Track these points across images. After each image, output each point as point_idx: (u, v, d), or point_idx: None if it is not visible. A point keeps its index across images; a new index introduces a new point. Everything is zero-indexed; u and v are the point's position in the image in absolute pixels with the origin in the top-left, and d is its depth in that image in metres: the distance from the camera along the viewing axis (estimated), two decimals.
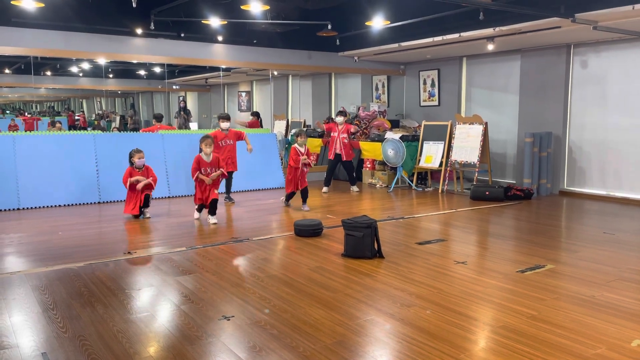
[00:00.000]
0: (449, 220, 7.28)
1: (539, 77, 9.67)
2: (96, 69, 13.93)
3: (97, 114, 17.38)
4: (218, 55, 10.18)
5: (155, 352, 3.21)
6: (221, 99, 17.59)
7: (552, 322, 3.64)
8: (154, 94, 17.28)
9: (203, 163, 7.01)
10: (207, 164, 7.03)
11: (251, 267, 5.04)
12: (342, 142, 9.69)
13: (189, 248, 5.71)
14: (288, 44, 10.69)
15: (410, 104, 12.48)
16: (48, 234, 6.36)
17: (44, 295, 4.22)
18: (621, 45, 8.69)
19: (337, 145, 9.74)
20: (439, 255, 5.44)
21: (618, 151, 8.85)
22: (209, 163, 7.04)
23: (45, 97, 17.98)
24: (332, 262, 5.17)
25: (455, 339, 3.36)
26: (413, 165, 10.29)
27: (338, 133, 9.74)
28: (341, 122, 9.77)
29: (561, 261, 5.19)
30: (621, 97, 8.77)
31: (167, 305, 4.02)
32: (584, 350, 3.20)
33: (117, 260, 5.22)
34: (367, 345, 3.31)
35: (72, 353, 3.18)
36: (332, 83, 14.07)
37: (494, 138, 10.52)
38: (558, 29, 7.74)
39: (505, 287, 4.39)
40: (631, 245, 5.88)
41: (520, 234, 6.45)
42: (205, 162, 7.02)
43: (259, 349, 3.24)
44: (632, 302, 4.05)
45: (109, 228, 6.76)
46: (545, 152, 9.27)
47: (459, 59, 11.21)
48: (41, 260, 5.25)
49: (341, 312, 3.85)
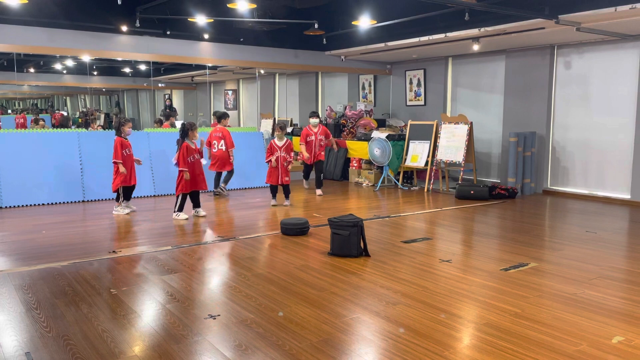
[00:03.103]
0: (435, 219, 7.34)
1: (523, 78, 9.77)
2: (80, 66, 13.76)
3: (81, 112, 17.18)
4: (204, 53, 10.13)
5: (140, 351, 3.20)
6: (207, 98, 17.50)
7: (535, 319, 3.70)
8: (140, 92, 17.13)
9: (190, 150, 7.07)
10: (195, 151, 7.12)
11: (237, 265, 5.04)
12: (320, 144, 9.26)
13: (174, 247, 5.69)
14: (275, 43, 10.68)
15: (396, 104, 12.54)
16: (31, 233, 6.28)
17: (27, 294, 4.18)
18: (603, 47, 8.82)
19: (316, 150, 9.25)
20: (424, 253, 5.48)
21: (600, 151, 8.99)
22: (196, 149, 7.13)
23: (28, 95, 17.73)
24: (318, 260, 5.18)
25: (440, 337, 3.40)
26: (399, 164, 10.35)
27: (315, 136, 9.23)
28: (316, 124, 9.27)
29: (544, 259, 5.26)
30: (603, 97, 8.90)
31: (152, 304, 4.00)
32: (566, 347, 3.26)
33: (102, 259, 5.18)
34: (353, 343, 3.33)
35: (56, 353, 3.16)
36: (319, 82, 14.08)
37: (479, 138, 10.61)
38: (542, 30, 7.84)
39: (489, 285, 4.44)
40: (613, 243, 5.97)
41: (505, 233, 6.53)
42: (193, 149, 7.08)
43: (244, 347, 3.24)
44: (613, 299, 4.13)
45: (93, 227, 6.70)
46: (529, 152, 9.38)
47: (444, 59, 11.28)
48: (24, 259, 5.19)
49: (327, 310, 3.86)
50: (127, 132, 7.40)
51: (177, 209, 7.12)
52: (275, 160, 7.79)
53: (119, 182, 7.33)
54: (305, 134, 9.24)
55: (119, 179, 7.32)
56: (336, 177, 11.38)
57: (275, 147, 7.84)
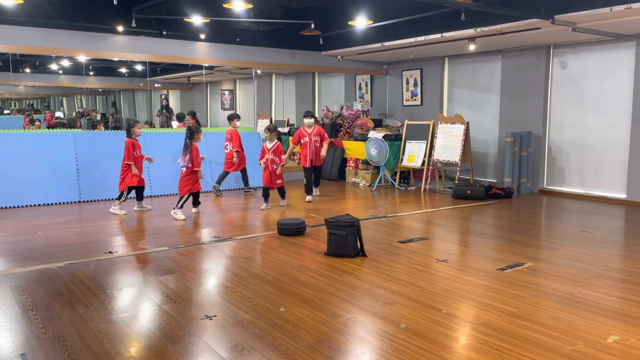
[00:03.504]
0: (431, 219, 7.35)
1: (519, 78, 9.79)
2: (76, 66, 13.72)
3: (77, 112, 17.12)
4: (200, 54, 10.12)
5: (136, 352, 3.19)
6: (204, 98, 17.48)
7: (531, 319, 3.70)
8: (136, 92, 17.08)
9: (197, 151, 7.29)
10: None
11: (234, 266, 5.03)
12: (315, 145, 8.53)
13: (171, 247, 5.68)
14: (271, 43, 10.67)
15: (393, 104, 12.55)
16: (27, 234, 6.26)
17: (23, 295, 4.16)
18: (599, 47, 8.85)
19: (311, 152, 8.50)
20: (421, 253, 5.49)
21: (596, 150, 9.01)
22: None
23: (24, 95, 17.67)
24: (315, 260, 5.18)
25: (437, 336, 3.40)
26: (396, 164, 10.35)
27: (309, 137, 8.53)
28: (310, 124, 8.58)
29: (540, 259, 5.27)
30: (599, 97, 8.93)
31: (148, 305, 3.99)
32: (562, 346, 3.26)
33: (98, 260, 5.17)
34: (350, 343, 3.33)
35: (52, 354, 3.15)
36: (316, 82, 14.07)
37: (476, 137, 10.63)
38: (538, 30, 7.85)
39: (485, 285, 4.44)
40: (608, 243, 5.99)
41: (501, 233, 6.54)
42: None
43: (241, 348, 3.23)
44: (608, 299, 4.14)
45: (89, 227, 6.68)
46: (526, 152, 9.40)
47: (441, 59, 11.30)
48: (20, 260, 5.17)
49: (324, 310, 3.86)
50: (137, 133, 7.50)
51: (179, 206, 7.17)
52: (265, 163, 7.76)
53: (129, 183, 7.36)
54: (299, 136, 8.62)
55: (132, 180, 7.35)
56: (333, 177, 11.38)
57: (265, 149, 7.82)
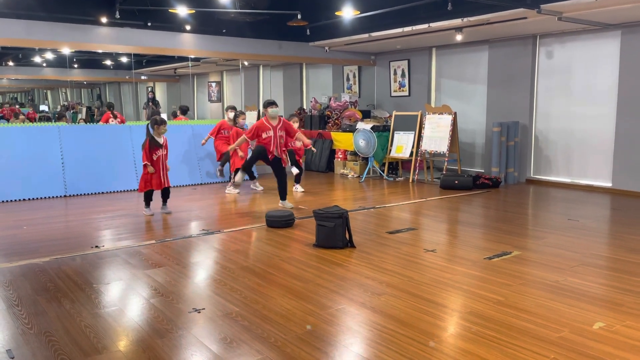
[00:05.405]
0: (420, 209, 7.37)
1: (506, 68, 9.82)
2: (60, 58, 13.51)
3: (62, 106, 16.91)
4: (186, 45, 10.01)
5: (124, 346, 3.17)
6: (191, 90, 17.33)
7: (518, 307, 3.73)
8: (122, 85, 16.90)
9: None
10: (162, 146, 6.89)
11: (222, 258, 5.01)
12: (279, 142, 7.16)
13: (158, 241, 5.64)
14: (258, 34, 10.58)
15: (381, 95, 12.54)
16: (12, 229, 6.18)
17: (8, 291, 4.11)
18: (585, 36, 8.89)
19: (275, 149, 7.14)
20: (409, 244, 5.50)
21: (582, 140, 9.08)
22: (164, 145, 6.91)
23: (7, 88, 17.41)
24: (303, 252, 5.18)
25: (425, 326, 3.42)
26: (384, 155, 10.36)
27: (275, 131, 7.09)
28: (275, 115, 7.14)
29: (527, 248, 5.32)
30: (585, 86, 8.98)
31: (136, 299, 3.97)
32: (549, 334, 3.30)
33: (85, 255, 5.12)
34: (339, 334, 3.33)
35: (38, 349, 3.12)
36: (304, 73, 14.01)
37: (463, 128, 10.66)
38: (524, 20, 7.87)
39: (473, 274, 4.47)
40: (594, 231, 6.05)
41: (488, 222, 6.58)
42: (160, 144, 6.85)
43: (230, 340, 3.23)
44: (594, 286, 4.18)
45: (75, 222, 6.62)
46: (513, 142, 9.45)
47: (428, 49, 11.29)
48: (5, 255, 5.11)
49: (312, 301, 3.86)
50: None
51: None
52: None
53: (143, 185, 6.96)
54: (259, 128, 7.08)
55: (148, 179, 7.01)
56: (321, 169, 11.38)
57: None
